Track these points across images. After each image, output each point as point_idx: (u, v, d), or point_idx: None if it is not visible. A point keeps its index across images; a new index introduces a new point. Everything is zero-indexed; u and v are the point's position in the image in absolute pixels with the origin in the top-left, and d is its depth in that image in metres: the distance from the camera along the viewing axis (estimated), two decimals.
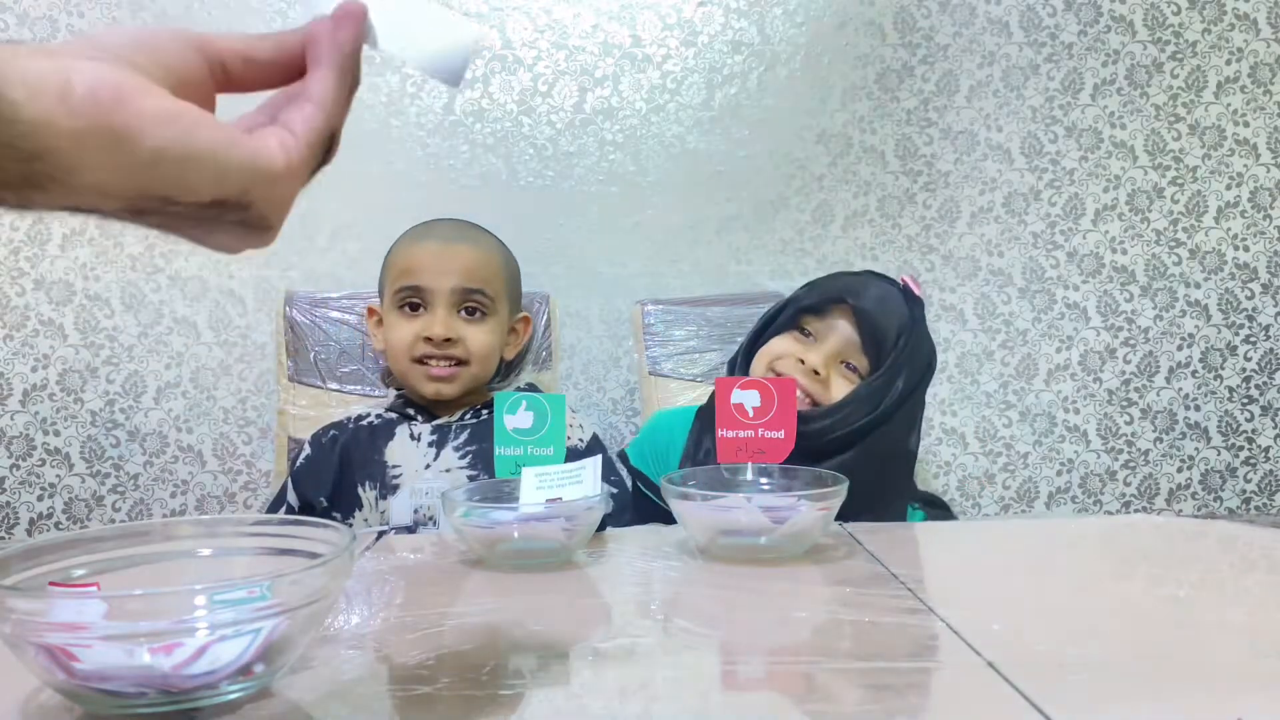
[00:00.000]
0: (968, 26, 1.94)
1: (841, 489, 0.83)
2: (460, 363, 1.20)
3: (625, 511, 1.16)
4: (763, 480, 0.94)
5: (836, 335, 1.12)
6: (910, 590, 0.71)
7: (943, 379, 1.96)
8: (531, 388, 1.32)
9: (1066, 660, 0.56)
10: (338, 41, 0.46)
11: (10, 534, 1.86)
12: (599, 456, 0.90)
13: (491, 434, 0.94)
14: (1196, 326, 2.00)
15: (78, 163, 0.36)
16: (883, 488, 1.08)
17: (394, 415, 1.23)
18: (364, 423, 1.23)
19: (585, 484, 0.84)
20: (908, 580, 0.73)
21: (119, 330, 1.86)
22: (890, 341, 1.09)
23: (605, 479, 0.94)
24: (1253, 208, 1.99)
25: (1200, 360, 2.00)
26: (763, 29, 1.91)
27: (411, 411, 1.23)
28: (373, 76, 1.82)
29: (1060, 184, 1.97)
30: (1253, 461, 2.03)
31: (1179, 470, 2.02)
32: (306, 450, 1.22)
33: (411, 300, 1.21)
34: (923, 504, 1.17)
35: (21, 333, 1.85)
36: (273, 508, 1.23)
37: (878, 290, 1.12)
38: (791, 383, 0.99)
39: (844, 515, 0.86)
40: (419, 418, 1.23)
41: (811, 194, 1.94)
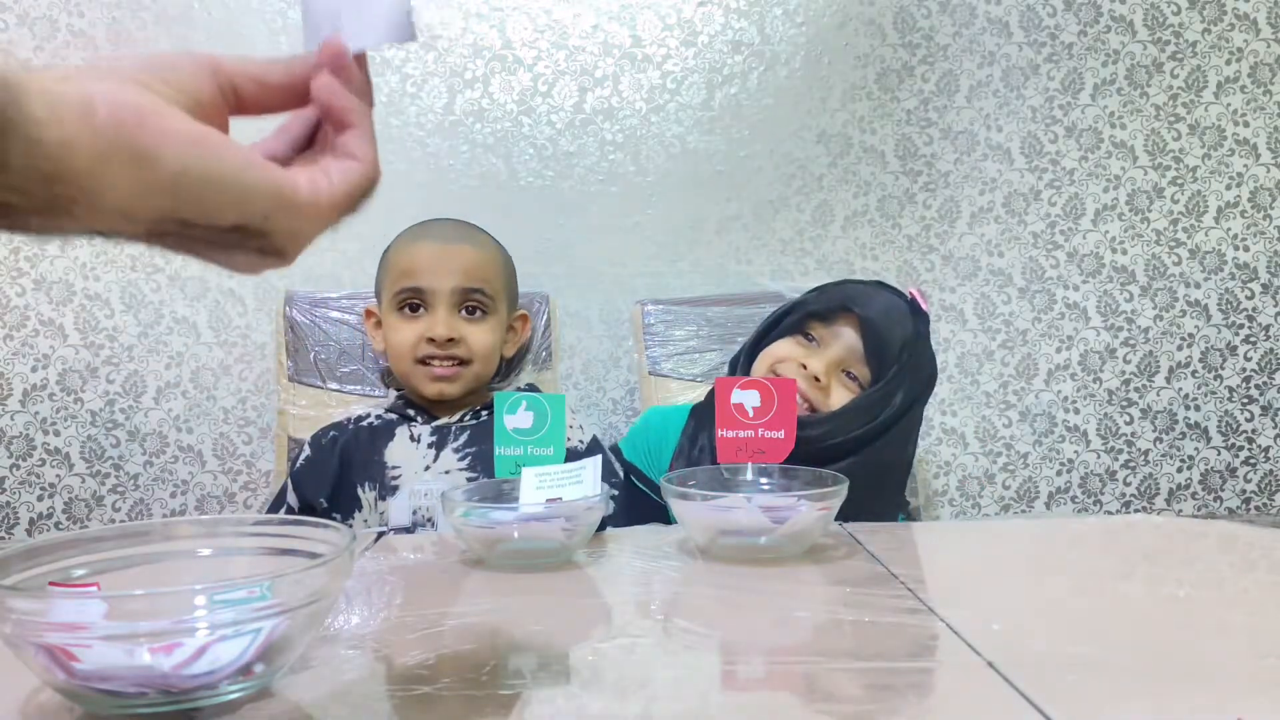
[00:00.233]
0: (968, 26, 1.94)
1: (841, 489, 0.83)
2: (462, 362, 1.20)
3: (627, 511, 1.16)
4: (763, 480, 0.94)
5: (840, 343, 1.12)
6: (910, 590, 0.71)
7: (943, 379, 1.96)
8: (531, 388, 1.32)
9: (1066, 660, 0.56)
10: (367, 107, 0.47)
11: (10, 534, 1.86)
12: (599, 456, 0.90)
13: (491, 436, 0.94)
14: (1196, 326, 2.00)
15: (101, 184, 0.35)
16: (875, 498, 1.08)
17: (394, 416, 1.23)
18: (364, 423, 1.23)
19: (585, 484, 0.84)
20: (908, 580, 0.73)
21: (119, 330, 1.87)
22: (893, 354, 1.08)
23: (605, 479, 0.94)
24: (1253, 208, 1.99)
25: (1200, 360, 2.00)
26: (763, 29, 1.91)
27: (411, 412, 1.23)
28: (373, 77, 1.81)
29: (1060, 184, 1.97)
30: (1253, 461, 2.03)
31: (1179, 470, 2.02)
32: (306, 451, 1.22)
33: (412, 301, 1.21)
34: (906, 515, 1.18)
35: (21, 333, 1.85)
36: (273, 508, 1.23)
37: (885, 301, 1.12)
38: (791, 383, 0.99)
39: (853, 518, 0.87)
40: (419, 418, 1.23)
41: (811, 194, 1.94)
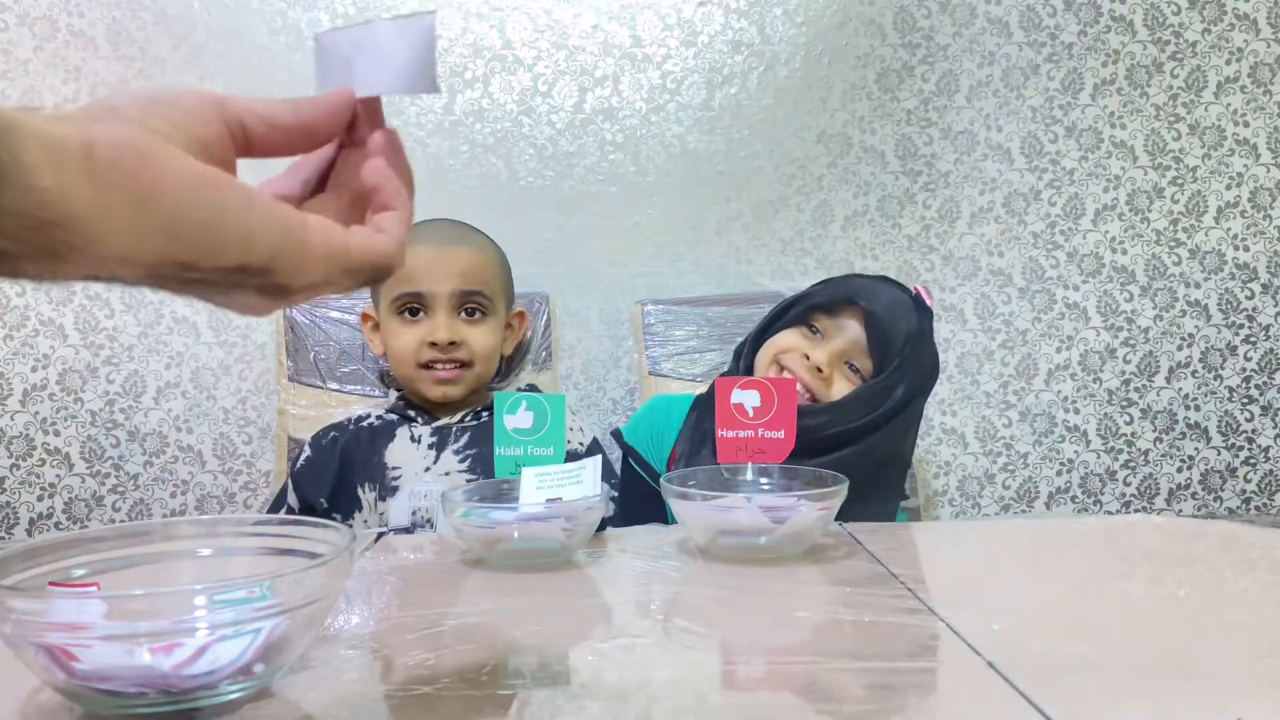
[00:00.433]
0: (968, 26, 1.94)
1: (841, 489, 0.83)
2: (464, 365, 1.21)
3: (621, 496, 1.18)
4: (763, 480, 0.94)
5: (844, 335, 1.13)
6: (910, 590, 0.71)
7: (943, 379, 1.96)
8: (532, 388, 1.32)
9: (1066, 660, 0.56)
10: (409, 193, 0.48)
11: (10, 534, 1.86)
12: (599, 456, 0.90)
13: (491, 437, 0.94)
14: (1196, 326, 2.00)
15: (99, 231, 0.34)
16: (874, 488, 1.09)
17: (394, 416, 1.23)
18: (364, 424, 1.23)
19: (585, 484, 0.84)
20: (908, 580, 0.73)
21: (119, 330, 1.87)
22: (896, 348, 1.10)
23: (604, 479, 0.94)
24: (1253, 208, 1.99)
25: (1200, 360, 2.00)
26: (763, 29, 1.91)
27: (412, 413, 1.23)
28: None
29: (1060, 184, 1.97)
30: (1253, 461, 2.03)
31: (1179, 470, 2.02)
32: (306, 452, 1.22)
33: (411, 306, 1.21)
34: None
35: (21, 333, 1.85)
36: (273, 509, 1.23)
37: (889, 296, 1.13)
38: (792, 383, 0.99)
39: (844, 510, 0.87)
40: (419, 419, 1.23)
41: (811, 194, 1.94)
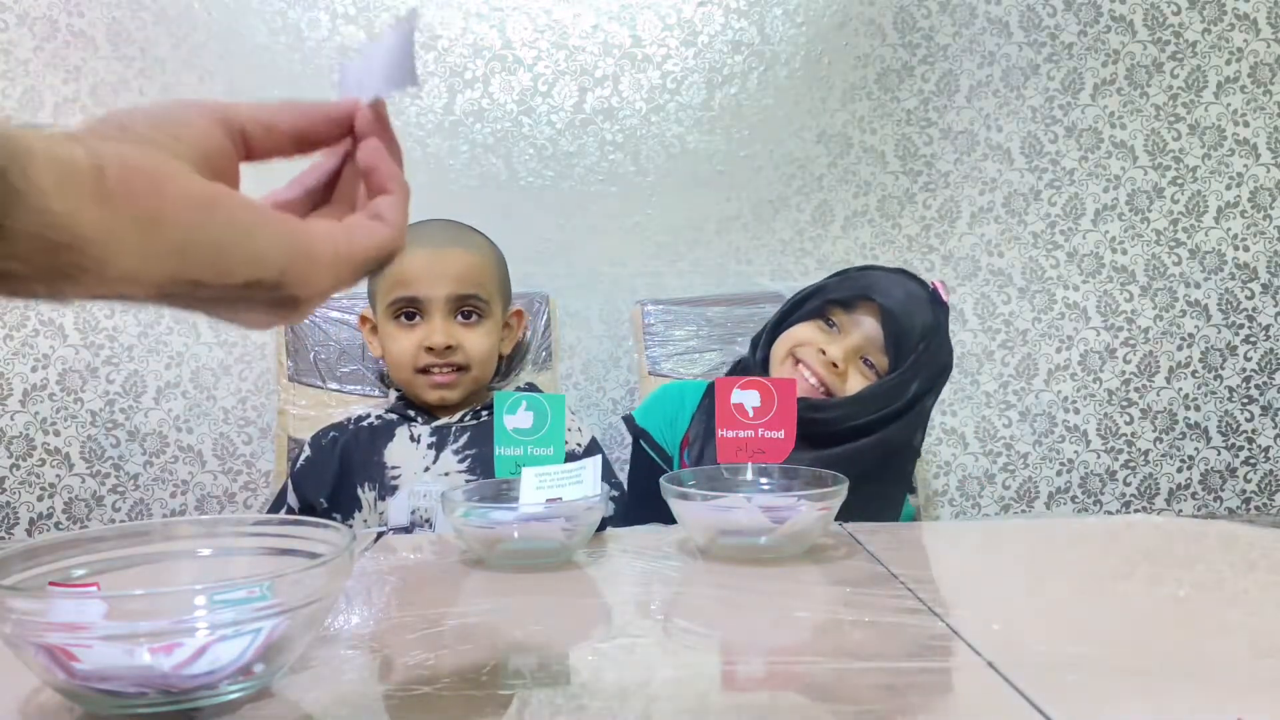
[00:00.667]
0: (968, 26, 1.94)
1: (841, 489, 0.83)
2: (461, 368, 1.20)
3: (633, 478, 1.18)
4: (763, 480, 0.94)
5: (860, 331, 1.13)
6: (910, 590, 0.71)
7: None
8: (532, 388, 1.32)
9: (1066, 660, 0.56)
10: (403, 179, 0.47)
11: (10, 534, 1.86)
12: (599, 456, 0.90)
13: (491, 437, 0.93)
14: (1196, 326, 2.00)
15: (109, 252, 0.34)
16: (884, 480, 1.10)
17: (394, 416, 1.23)
18: (364, 423, 1.23)
19: (585, 484, 0.84)
20: (908, 580, 0.73)
21: (119, 330, 1.86)
22: (911, 344, 1.10)
23: (604, 480, 0.94)
24: (1253, 208, 1.99)
25: (1200, 360, 2.00)
26: (763, 29, 1.91)
27: (411, 413, 1.23)
28: None
29: (1060, 184, 1.97)
30: (1253, 461, 2.03)
31: (1179, 470, 2.02)
32: (306, 452, 1.22)
33: (407, 310, 1.20)
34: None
35: (21, 333, 1.85)
36: (273, 509, 1.23)
37: (907, 291, 1.13)
38: (792, 383, 0.99)
39: (844, 504, 0.87)
40: (419, 419, 1.23)
41: (811, 194, 1.94)
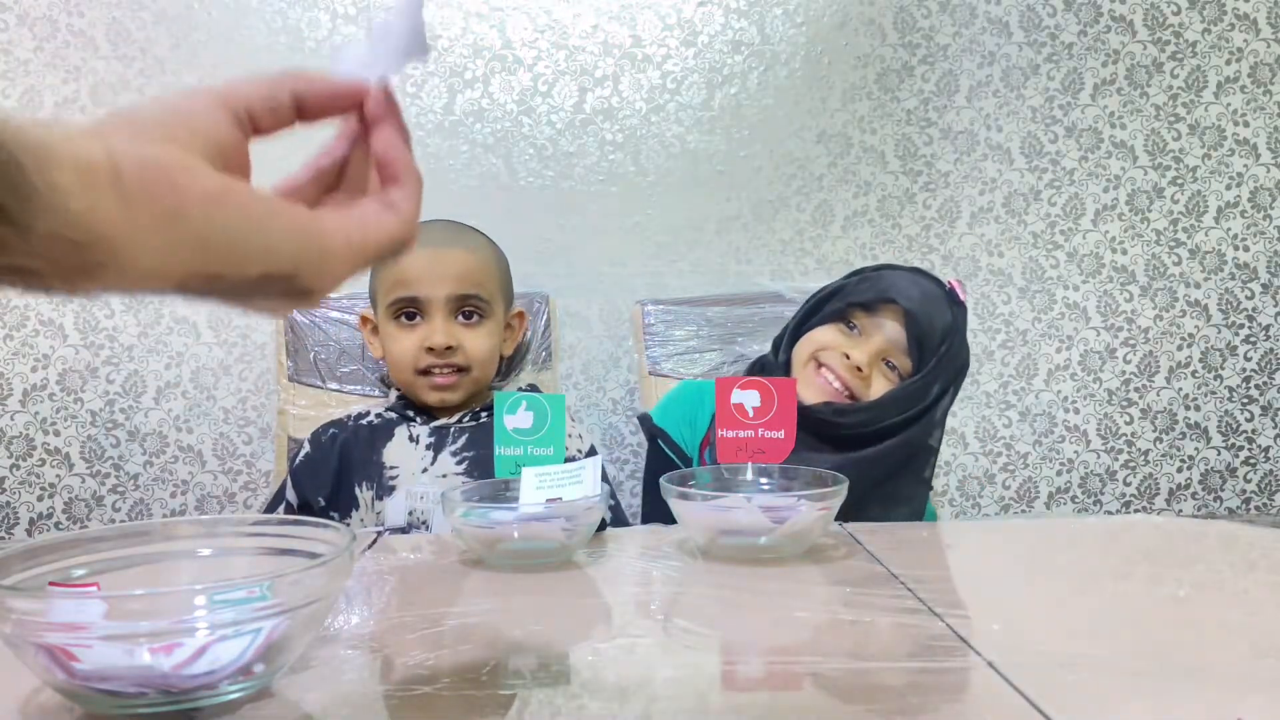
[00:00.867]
0: (968, 26, 1.94)
1: (841, 489, 0.83)
2: (461, 369, 1.20)
3: (651, 477, 1.19)
4: (763, 480, 0.94)
5: (882, 334, 1.13)
6: (910, 590, 0.71)
7: None
8: (533, 389, 1.32)
9: (1066, 660, 0.56)
10: (416, 168, 0.47)
11: (10, 534, 1.86)
12: (599, 457, 0.90)
13: (489, 440, 0.94)
14: (1196, 326, 2.00)
15: (129, 248, 0.35)
16: (906, 480, 1.11)
17: (394, 415, 1.23)
18: (364, 421, 1.23)
19: (585, 484, 0.84)
20: (908, 580, 0.73)
21: (119, 330, 1.86)
22: (933, 347, 1.11)
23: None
24: (1253, 208, 1.99)
25: (1200, 360, 2.00)
26: (763, 29, 1.91)
27: (411, 413, 1.23)
28: None
29: (1060, 184, 1.97)
30: (1253, 461, 2.03)
31: (1179, 470, 2.02)
32: (306, 448, 1.22)
33: (408, 310, 1.20)
34: None
35: (21, 333, 1.85)
36: (272, 504, 1.23)
37: (925, 291, 1.14)
38: (792, 383, 0.99)
39: (866, 504, 0.87)
40: (418, 419, 1.23)
41: (811, 194, 1.94)
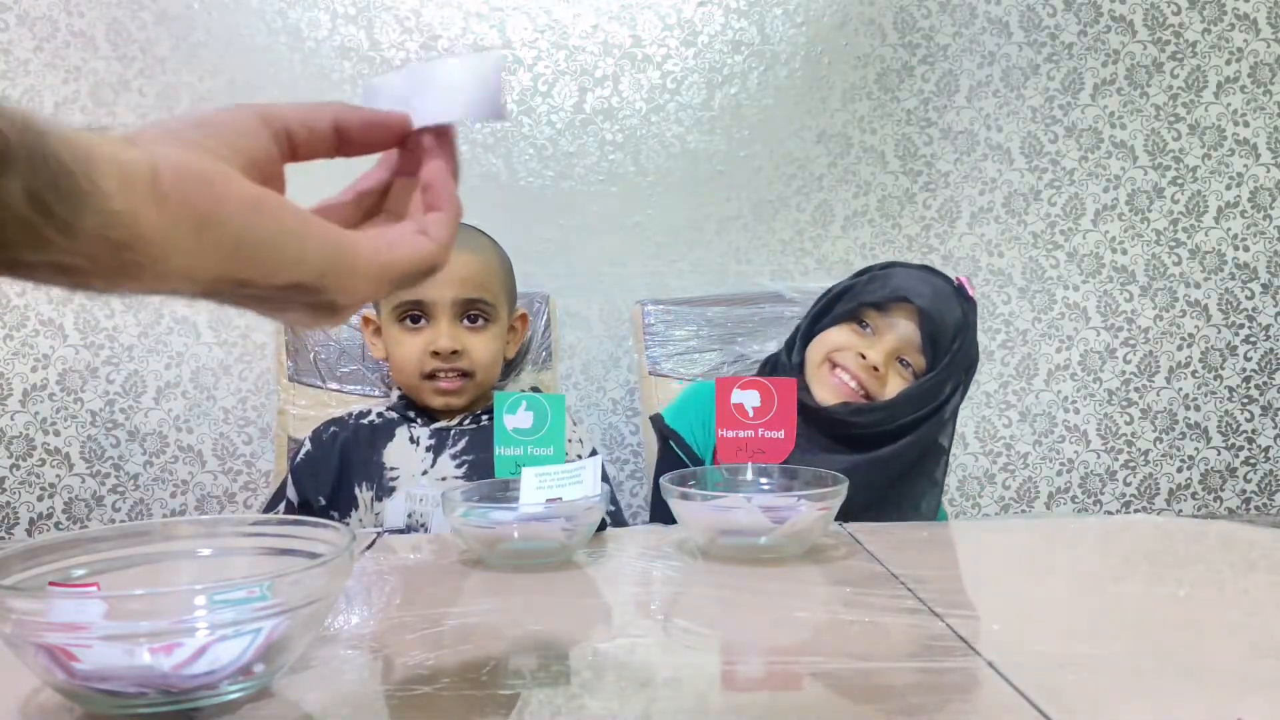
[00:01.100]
0: (968, 26, 1.94)
1: (841, 489, 0.83)
2: (466, 374, 1.20)
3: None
4: (763, 480, 0.94)
5: (896, 334, 1.13)
6: (910, 590, 0.71)
7: None
8: (535, 390, 1.32)
9: (1066, 660, 0.56)
10: (457, 199, 0.48)
11: (10, 534, 1.86)
12: (598, 457, 0.90)
13: (489, 442, 0.94)
14: (1196, 326, 2.00)
15: (166, 250, 0.36)
16: (918, 480, 1.12)
17: (395, 415, 1.23)
18: (365, 421, 1.23)
19: (585, 484, 0.84)
20: (908, 580, 0.73)
21: (119, 330, 1.86)
22: (946, 345, 1.11)
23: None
24: (1253, 208, 1.99)
25: (1200, 360, 2.00)
26: (763, 29, 1.91)
27: (412, 414, 1.23)
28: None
29: (1060, 184, 1.97)
30: (1253, 461, 2.03)
31: (1179, 470, 2.02)
32: (307, 446, 1.22)
33: (413, 313, 1.20)
34: None
35: (21, 333, 1.85)
36: (272, 503, 1.23)
37: (935, 289, 1.14)
38: (792, 383, 0.99)
39: (881, 506, 0.87)
40: (419, 420, 1.23)
41: (811, 194, 1.94)
